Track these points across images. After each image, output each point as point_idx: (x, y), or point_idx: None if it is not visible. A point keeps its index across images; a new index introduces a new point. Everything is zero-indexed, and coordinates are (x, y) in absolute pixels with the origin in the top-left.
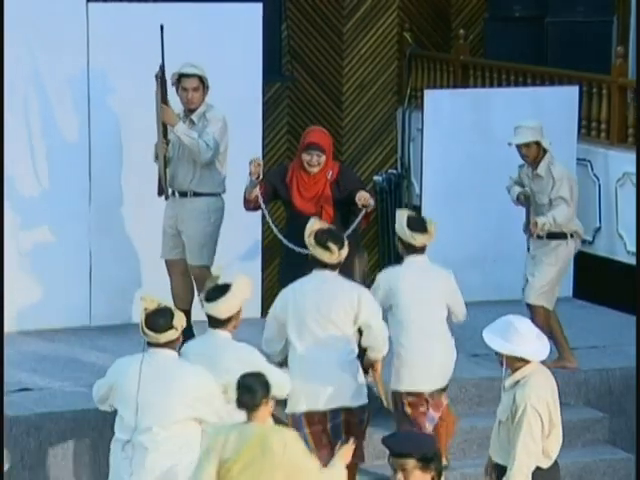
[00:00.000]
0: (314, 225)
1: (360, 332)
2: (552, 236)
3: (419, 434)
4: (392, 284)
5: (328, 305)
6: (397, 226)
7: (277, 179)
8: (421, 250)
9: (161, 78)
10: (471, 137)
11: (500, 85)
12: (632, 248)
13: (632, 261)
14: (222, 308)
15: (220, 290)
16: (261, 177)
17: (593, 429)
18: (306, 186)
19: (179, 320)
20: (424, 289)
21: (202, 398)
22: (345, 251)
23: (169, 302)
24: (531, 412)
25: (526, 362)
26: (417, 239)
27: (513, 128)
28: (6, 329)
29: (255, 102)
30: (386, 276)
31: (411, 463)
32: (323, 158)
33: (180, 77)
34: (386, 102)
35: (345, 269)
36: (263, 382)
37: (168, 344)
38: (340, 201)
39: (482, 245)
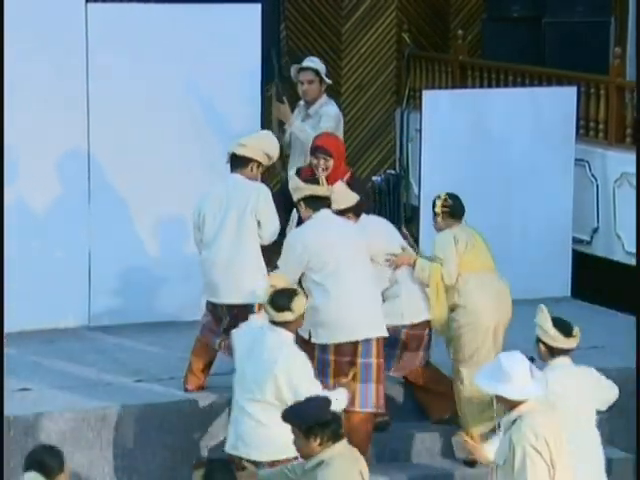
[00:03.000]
0: (291, 173)
1: None
2: None
3: (313, 402)
4: None
5: (356, 240)
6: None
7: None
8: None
9: (277, 79)
10: (469, 137)
11: (498, 85)
12: (630, 248)
13: (630, 261)
14: None
15: None
16: None
17: None
18: None
19: (298, 304)
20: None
21: (287, 382)
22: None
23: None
24: (532, 452)
25: (521, 401)
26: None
27: None
28: (6, 329)
29: (254, 102)
30: None
31: (295, 432)
32: (330, 162)
33: (299, 71)
34: (385, 102)
35: None
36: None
37: (284, 324)
38: None
39: None
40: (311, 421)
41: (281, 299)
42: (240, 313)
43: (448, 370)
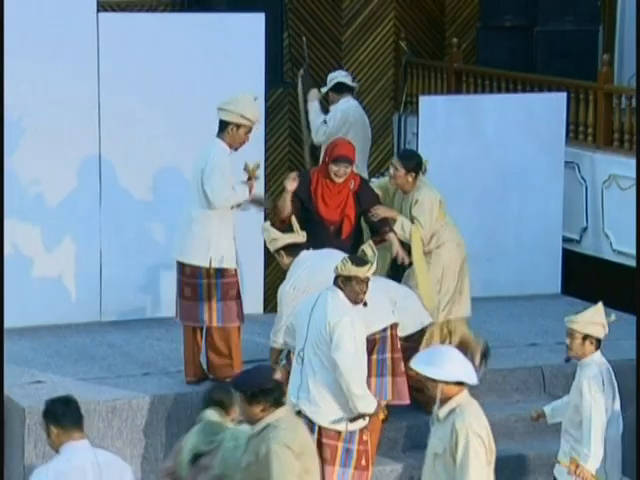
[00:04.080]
0: (267, 225)
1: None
2: None
3: (255, 370)
4: None
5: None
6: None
7: (303, 189)
8: None
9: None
10: (464, 141)
11: (492, 91)
12: (618, 247)
13: (617, 259)
14: None
15: None
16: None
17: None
18: (331, 195)
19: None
20: None
21: (335, 341)
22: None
23: None
24: (475, 439)
25: (460, 389)
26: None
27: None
28: (20, 324)
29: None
30: None
31: (240, 397)
32: (349, 169)
33: None
34: (383, 107)
35: None
36: None
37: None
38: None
39: (476, 244)
40: (255, 388)
41: (358, 257)
42: (190, 273)
43: None
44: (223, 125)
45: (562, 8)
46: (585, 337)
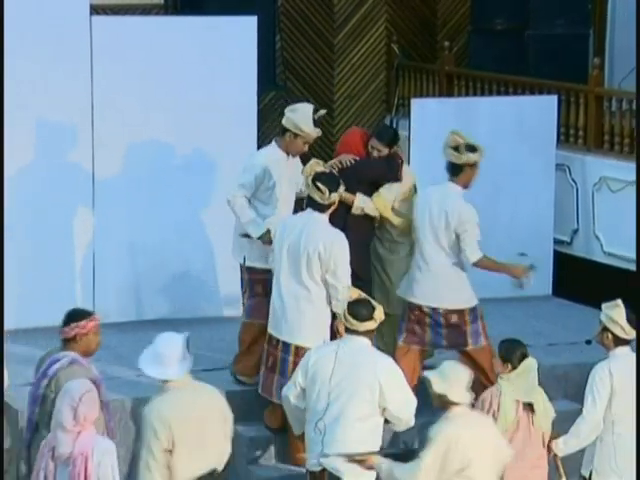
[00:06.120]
0: (314, 166)
1: None
2: None
3: None
4: None
5: (306, 243)
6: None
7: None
8: None
9: None
10: None
11: (483, 94)
12: (608, 249)
13: (608, 261)
14: None
15: None
16: None
17: (572, 420)
18: None
19: (379, 313)
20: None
21: (390, 386)
22: (336, 196)
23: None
24: (148, 428)
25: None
26: None
27: None
28: (15, 326)
29: (250, 110)
30: None
31: None
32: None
33: None
34: (375, 110)
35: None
36: None
37: (365, 333)
38: None
39: None
40: None
41: (363, 309)
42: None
43: None
44: (283, 130)
45: (553, 11)
46: (605, 328)
